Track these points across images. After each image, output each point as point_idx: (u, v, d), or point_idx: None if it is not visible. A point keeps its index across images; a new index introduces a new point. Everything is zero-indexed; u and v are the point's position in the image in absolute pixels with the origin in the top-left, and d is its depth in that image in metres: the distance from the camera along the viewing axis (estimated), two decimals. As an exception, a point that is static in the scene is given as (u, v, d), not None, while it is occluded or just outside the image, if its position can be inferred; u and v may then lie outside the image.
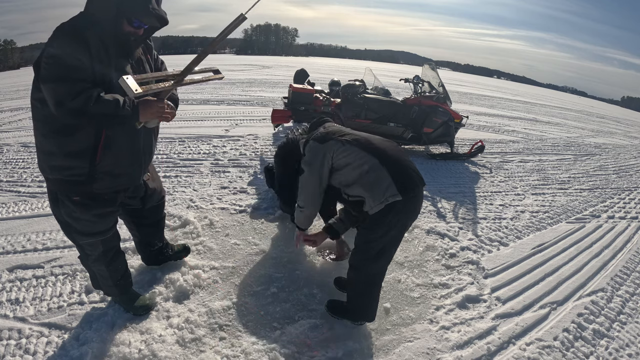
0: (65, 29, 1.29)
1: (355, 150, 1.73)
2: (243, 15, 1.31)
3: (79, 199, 1.51)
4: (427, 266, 2.57)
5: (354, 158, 1.72)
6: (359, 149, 1.73)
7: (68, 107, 1.25)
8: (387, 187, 1.62)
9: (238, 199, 3.30)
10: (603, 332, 2.18)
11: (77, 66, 1.26)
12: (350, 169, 1.71)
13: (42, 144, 1.44)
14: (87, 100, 1.25)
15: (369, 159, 1.69)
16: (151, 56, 1.63)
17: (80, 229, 1.59)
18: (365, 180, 1.67)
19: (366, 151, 1.71)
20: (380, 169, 1.66)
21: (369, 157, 1.70)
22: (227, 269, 2.32)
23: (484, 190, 4.21)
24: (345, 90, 5.18)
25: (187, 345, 1.76)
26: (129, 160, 1.58)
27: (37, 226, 2.68)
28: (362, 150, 1.72)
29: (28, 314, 1.87)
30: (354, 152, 1.73)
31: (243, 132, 5.57)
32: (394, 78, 9.24)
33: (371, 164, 1.68)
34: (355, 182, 1.70)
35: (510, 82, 53.98)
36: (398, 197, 1.61)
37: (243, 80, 12.37)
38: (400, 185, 1.62)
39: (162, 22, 1.42)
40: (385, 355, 1.83)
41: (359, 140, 1.77)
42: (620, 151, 7.99)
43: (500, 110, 11.88)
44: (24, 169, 3.79)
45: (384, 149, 1.74)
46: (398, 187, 1.62)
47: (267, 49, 75.81)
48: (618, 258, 3.08)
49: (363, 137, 1.81)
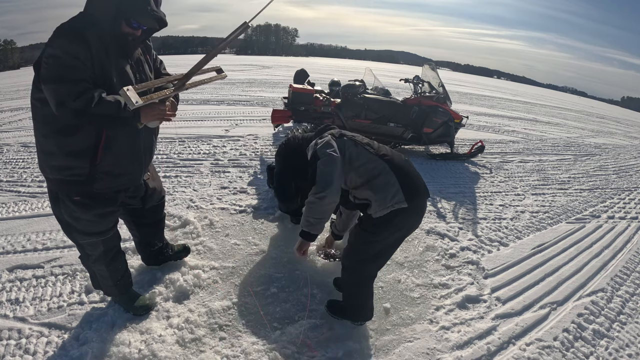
0: (65, 29, 1.29)
1: (367, 153, 1.75)
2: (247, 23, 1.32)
3: (80, 199, 1.51)
4: (427, 266, 2.57)
5: (366, 160, 1.73)
6: (371, 153, 1.75)
7: (69, 108, 1.25)
8: (395, 193, 1.64)
9: (238, 199, 3.30)
10: (603, 332, 2.18)
11: (78, 66, 1.26)
12: (362, 170, 1.72)
13: (43, 144, 1.44)
14: (89, 101, 1.25)
15: (380, 163, 1.71)
16: (150, 56, 1.63)
17: (80, 229, 1.59)
18: (374, 183, 1.69)
19: (377, 156, 1.74)
20: (390, 175, 1.68)
21: (380, 161, 1.72)
22: (227, 269, 2.32)
23: (484, 191, 4.21)
24: (345, 90, 5.17)
25: (187, 345, 1.76)
26: (130, 160, 1.58)
27: (37, 226, 2.68)
28: (374, 155, 1.74)
29: (28, 314, 1.87)
30: (366, 154, 1.75)
31: (243, 132, 5.57)
32: (394, 78, 9.24)
33: (381, 168, 1.70)
34: (364, 184, 1.71)
35: (510, 82, 54.01)
36: (404, 204, 1.63)
37: (243, 80, 12.37)
38: (408, 193, 1.65)
39: (161, 24, 1.43)
40: (385, 355, 1.83)
41: (371, 145, 1.81)
42: (620, 151, 7.99)
43: (500, 110, 11.88)
44: (24, 169, 3.79)
45: (393, 158, 1.77)
46: (406, 194, 1.64)
47: (267, 49, 75.81)
48: (618, 258, 3.08)
49: (374, 142, 1.85)
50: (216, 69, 1.76)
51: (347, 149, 1.76)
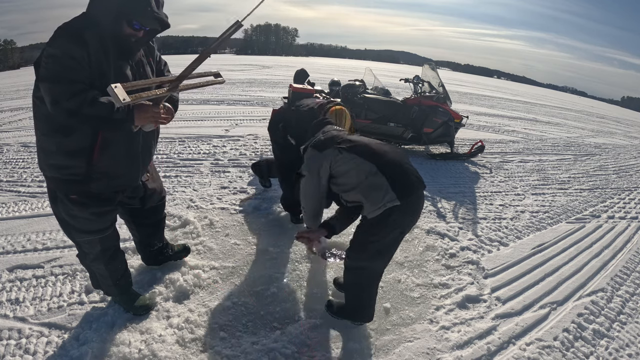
0: (66, 30, 1.29)
1: (352, 157, 1.72)
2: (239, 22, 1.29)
3: (77, 198, 1.52)
4: (427, 266, 2.57)
5: (351, 165, 1.71)
6: (357, 156, 1.71)
7: (63, 107, 1.26)
8: (385, 193, 1.62)
9: (238, 199, 3.30)
10: (603, 332, 2.18)
11: (75, 67, 1.27)
12: (348, 176, 1.71)
13: (42, 142, 1.45)
14: (82, 102, 1.26)
15: (367, 166, 1.68)
16: (153, 58, 1.63)
17: (77, 227, 1.60)
18: (363, 186, 1.67)
19: (364, 157, 1.70)
20: (378, 176, 1.65)
21: (366, 163, 1.68)
22: (227, 269, 2.32)
23: (484, 190, 4.21)
24: (345, 90, 5.18)
25: (187, 345, 1.76)
26: (127, 162, 1.57)
27: (37, 226, 2.68)
28: (360, 157, 1.70)
29: (28, 314, 1.87)
30: (352, 160, 1.71)
31: (243, 132, 5.57)
32: (394, 78, 9.25)
33: (369, 171, 1.67)
34: (353, 188, 1.71)
35: (510, 82, 53.99)
36: (396, 202, 1.61)
37: (243, 80, 12.37)
38: (399, 191, 1.62)
39: (162, 25, 1.42)
40: (385, 355, 1.83)
41: (357, 147, 1.75)
42: (620, 151, 7.99)
43: (500, 110, 11.88)
44: (24, 169, 3.79)
45: (382, 154, 1.73)
46: (397, 192, 1.61)
47: (267, 49, 75.78)
48: (618, 258, 3.08)
49: (361, 142, 1.79)
50: (214, 73, 1.74)
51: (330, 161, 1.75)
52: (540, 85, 79.91)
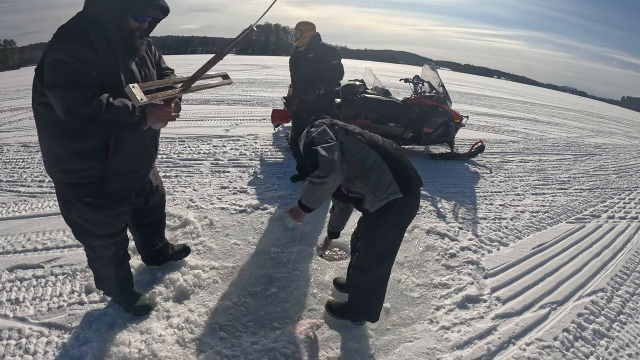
0: (68, 31, 1.25)
1: (358, 143, 1.71)
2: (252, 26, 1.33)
3: (91, 200, 1.50)
4: (427, 266, 2.57)
5: (357, 150, 1.69)
6: (362, 143, 1.71)
7: (78, 114, 1.22)
8: (389, 183, 1.61)
9: (238, 199, 3.30)
10: (603, 332, 2.18)
11: (84, 70, 1.23)
12: (354, 160, 1.69)
13: (51, 148, 1.41)
14: (98, 107, 1.22)
15: (372, 154, 1.67)
16: (151, 52, 1.63)
17: (93, 231, 1.58)
18: (367, 175, 1.66)
19: (369, 146, 1.70)
20: (383, 165, 1.65)
21: (371, 151, 1.68)
22: (227, 269, 2.32)
23: (484, 190, 4.21)
24: (345, 90, 5.17)
25: (187, 345, 1.76)
26: (139, 157, 1.58)
27: (37, 226, 2.68)
28: (366, 145, 1.71)
29: (28, 313, 1.87)
30: (358, 144, 1.71)
31: (243, 132, 5.57)
32: (394, 78, 9.23)
33: (374, 159, 1.66)
34: (357, 176, 1.69)
35: (510, 82, 53.94)
36: (399, 194, 1.60)
37: (243, 80, 12.36)
38: (402, 183, 1.62)
39: (164, 12, 1.41)
40: (385, 355, 1.83)
41: (363, 134, 1.76)
42: (620, 151, 7.98)
43: (500, 110, 11.87)
44: (24, 169, 3.79)
45: (385, 147, 1.73)
46: (400, 184, 1.61)
47: (267, 49, 75.86)
48: (618, 258, 3.08)
49: (366, 132, 1.81)
50: (222, 74, 1.76)
51: (340, 138, 1.72)
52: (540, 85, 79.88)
